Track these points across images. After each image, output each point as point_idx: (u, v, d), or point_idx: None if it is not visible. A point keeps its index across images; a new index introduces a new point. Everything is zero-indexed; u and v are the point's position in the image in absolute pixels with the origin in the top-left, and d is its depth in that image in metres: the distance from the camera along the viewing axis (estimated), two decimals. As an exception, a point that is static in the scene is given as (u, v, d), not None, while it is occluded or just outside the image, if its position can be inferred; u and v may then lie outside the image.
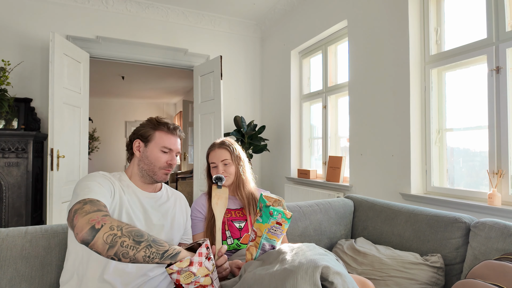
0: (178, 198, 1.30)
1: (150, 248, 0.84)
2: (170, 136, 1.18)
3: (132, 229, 0.86)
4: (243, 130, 3.79)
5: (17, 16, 3.24)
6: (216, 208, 1.36)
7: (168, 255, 0.87)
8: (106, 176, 1.09)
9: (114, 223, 0.85)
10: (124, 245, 0.83)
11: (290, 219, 1.07)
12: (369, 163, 2.65)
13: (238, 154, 1.46)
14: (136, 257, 0.83)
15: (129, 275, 1.03)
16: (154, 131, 1.18)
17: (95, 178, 1.04)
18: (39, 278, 1.12)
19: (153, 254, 0.85)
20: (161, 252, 0.86)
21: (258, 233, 1.09)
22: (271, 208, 1.06)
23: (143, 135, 1.18)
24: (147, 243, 0.85)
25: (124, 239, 0.83)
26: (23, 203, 2.87)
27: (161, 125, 1.18)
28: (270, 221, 1.06)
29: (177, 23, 3.97)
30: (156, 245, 0.86)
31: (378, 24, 2.57)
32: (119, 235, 0.83)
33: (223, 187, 1.41)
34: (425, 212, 1.54)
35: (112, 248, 0.82)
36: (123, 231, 0.84)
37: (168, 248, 0.87)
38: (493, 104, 1.88)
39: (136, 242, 0.83)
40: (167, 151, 1.17)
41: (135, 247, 0.83)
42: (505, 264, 1.04)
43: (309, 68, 3.82)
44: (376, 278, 1.39)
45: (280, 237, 1.08)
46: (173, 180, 7.13)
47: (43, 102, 3.23)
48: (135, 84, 7.26)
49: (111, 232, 0.83)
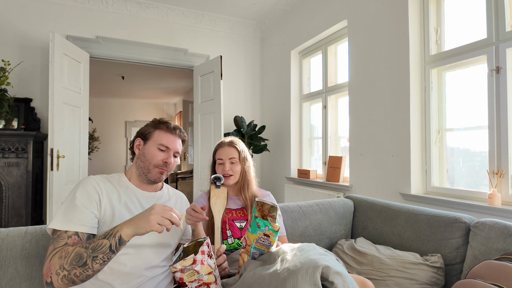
0: (179, 198, 1.30)
1: (96, 258, 0.89)
2: (168, 135, 1.19)
3: (70, 257, 0.89)
4: (243, 130, 3.79)
5: (17, 16, 3.24)
6: (214, 207, 1.36)
7: (114, 246, 0.90)
8: (93, 185, 1.08)
9: (57, 265, 0.89)
10: (78, 274, 0.89)
11: (278, 232, 1.06)
12: (369, 163, 2.65)
13: (245, 155, 1.49)
14: (96, 270, 0.90)
15: (128, 275, 1.03)
16: (154, 130, 1.19)
17: (81, 192, 1.05)
18: (39, 278, 1.12)
19: (104, 257, 0.89)
20: (106, 251, 0.90)
21: (248, 242, 1.10)
22: (258, 220, 1.06)
23: (143, 133, 1.20)
24: (90, 258, 0.89)
25: (73, 271, 0.88)
26: (23, 203, 2.87)
27: (161, 124, 1.20)
28: (257, 232, 1.06)
29: (177, 23, 3.97)
30: (98, 250, 0.89)
31: (378, 24, 2.57)
32: (66, 273, 0.88)
33: (221, 187, 1.42)
34: (425, 212, 1.54)
35: (73, 282, 0.90)
36: (66, 267, 0.89)
37: (108, 243, 0.90)
38: (493, 104, 1.88)
39: (82, 265, 0.88)
40: (164, 149, 1.17)
41: (85, 269, 0.89)
42: (505, 264, 1.04)
43: (309, 68, 3.82)
44: (376, 278, 1.39)
45: (270, 248, 1.07)
46: (173, 180, 7.13)
47: (43, 102, 3.23)
48: (135, 84, 7.26)
49: (59, 275, 0.89)
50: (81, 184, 1.07)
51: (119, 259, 1.03)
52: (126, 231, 0.91)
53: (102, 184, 1.10)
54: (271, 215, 1.07)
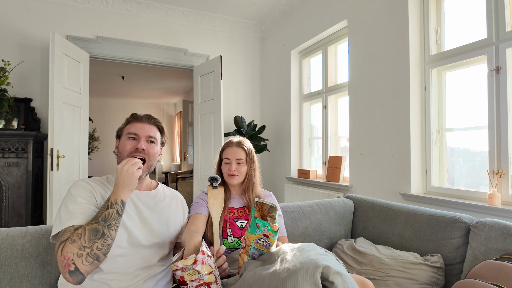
0: (175, 197, 1.29)
1: (111, 225, 0.96)
2: (135, 123, 1.19)
3: (86, 234, 0.93)
4: (243, 130, 3.79)
5: (17, 16, 3.24)
6: (212, 209, 1.36)
7: (121, 210, 0.99)
8: (88, 184, 1.10)
9: (75, 249, 0.91)
10: (100, 246, 0.93)
11: (278, 232, 1.06)
12: (369, 163, 2.65)
13: (252, 157, 1.50)
14: (113, 237, 0.97)
15: (125, 275, 1.03)
16: (125, 126, 1.20)
17: (76, 192, 1.06)
18: (39, 278, 1.12)
19: (116, 222, 0.98)
20: (116, 217, 0.98)
21: (247, 242, 1.10)
22: (257, 220, 1.06)
23: (117, 133, 1.22)
24: (106, 227, 0.95)
25: (94, 245, 0.92)
26: (23, 203, 2.87)
27: (129, 118, 1.21)
28: (257, 233, 1.06)
29: (177, 23, 3.97)
30: (109, 219, 0.96)
31: (378, 24, 2.57)
32: (88, 250, 0.92)
33: (218, 187, 1.42)
34: (425, 212, 1.54)
35: (97, 258, 0.93)
36: (86, 244, 0.92)
37: (114, 210, 0.98)
38: (493, 104, 1.88)
39: (101, 236, 0.94)
40: (134, 137, 1.16)
41: (105, 239, 0.94)
42: (505, 264, 1.04)
43: (309, 68, 3.82)
44: (376, 278, 1.39)
45: (269, 248, 1.07)
46: (173, 180, 7.14)
47: (43, 102, 3.23)
48: (135, 84, 7.26)
49: (82, 256, 0.91)
50: (74, 186, 1.07)
51: (116, 259, 1.02)
52: (123, 195, 1.01)
53: (95, 185, 1.10)
54: (270, 215, 1.06)
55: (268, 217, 1.06)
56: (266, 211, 1.07)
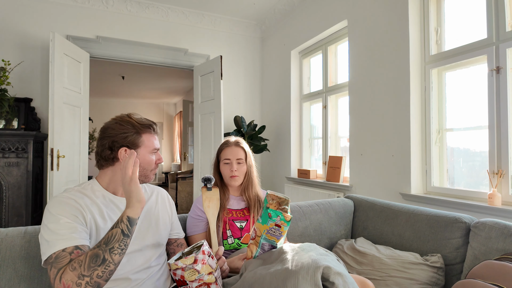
0: (159, 194, 1.26)
1: (113, 249, 0.87)
2: (155, 137, 1.16)
3: (86, 262, 0.85)
4: (243, 130, 3.79)
5: (17, 16, 3.24)
6: (208, 211, 1.35)
7: (126, 229, 0.89)
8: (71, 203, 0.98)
9: (74, 277, 0.84)
10: (101, 274, 0.85)
11: (290, 222, 1.07)
12: (369, 163, 2.65)
13: (250, 155, 1.50)
14: (117, 262, 0.88)
15: (124, 281, 1.03)
16: (141, 135, 1.10)
17: (61, 210, 0.95)
18: (38, 278, 1.12)
19: (121, 244, 0.88)
20: (120, 238, 0.88)
21: (258, 232, 1.10)
22: (270, 210, 1.07)
23: (131, 142, 1.08)
24: (107, 252, 0.86)
25: (94, 273, 0.84)
26: (23, 203, 2.87)
27: (145, 128, 1.11)
28: (268, 223, 1.06)
29: (177, 23, 3.97)
30: (111, 241, 0.87)
31: (378, 24, 2.56)
32: (88, 279, 0.84)
33: (213, 188, 1.40)
34: (425, 212, 1.54)
35: (98, 286, 0.86)
36: (86, 273, 0.84)
37: (118, 230, 0.89)
38: (493, 104, 1.88)
39: (102, 262, 0.85)
40: (156, 152, 1.15)
41: (106, 265, 0.86)
42: (505, 264, 1.04)
43: (309, 68, 3.82)
44: (376, 278, 1.39)
45: (280, 238, 1.08)
46: (173, 180, 7.13)
47: (43, 102, 3.23)
48: (135, 84, 7.26)
49: (81, 286, 0.84)
50: (56, 205, 0.96)
51: None
52: (130, 211, 0.91)
53: (80, 201, 0.99)
54: (281, 208, 1.08)
55: (279, 209, 1.08)
56: (277, 204, 1.08)
